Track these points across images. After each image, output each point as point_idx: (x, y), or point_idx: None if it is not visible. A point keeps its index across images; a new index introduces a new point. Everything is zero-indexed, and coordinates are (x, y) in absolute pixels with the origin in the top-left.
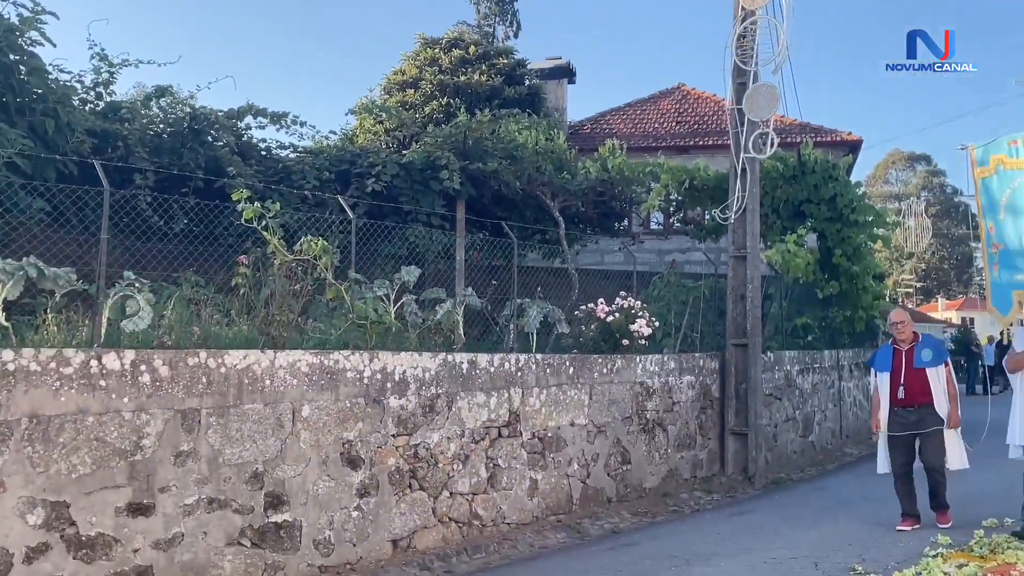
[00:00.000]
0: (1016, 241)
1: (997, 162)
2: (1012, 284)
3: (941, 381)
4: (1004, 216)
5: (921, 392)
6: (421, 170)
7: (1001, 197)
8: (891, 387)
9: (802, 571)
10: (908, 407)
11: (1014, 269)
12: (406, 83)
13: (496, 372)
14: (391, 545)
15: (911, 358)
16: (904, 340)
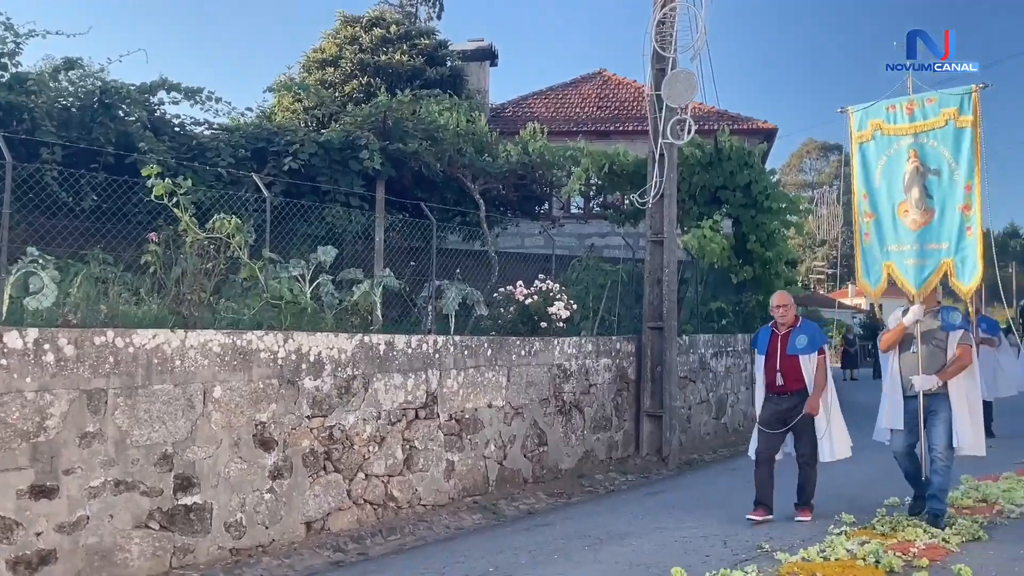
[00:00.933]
0: (888, 211)
1: (875, 127)
2: (883, 255)
3: (814, 368)
4: (879, 183)
5: (794, 378)
6: (340, 149)
7: (877, 164)
8: (767, 372)
9: (711, 549)
10: (783, 393)
11: (885, 240)
12: (326, 61)
13: (414, 354)
14: (305, 527)
15: (785, 343)
16: (784, 324)
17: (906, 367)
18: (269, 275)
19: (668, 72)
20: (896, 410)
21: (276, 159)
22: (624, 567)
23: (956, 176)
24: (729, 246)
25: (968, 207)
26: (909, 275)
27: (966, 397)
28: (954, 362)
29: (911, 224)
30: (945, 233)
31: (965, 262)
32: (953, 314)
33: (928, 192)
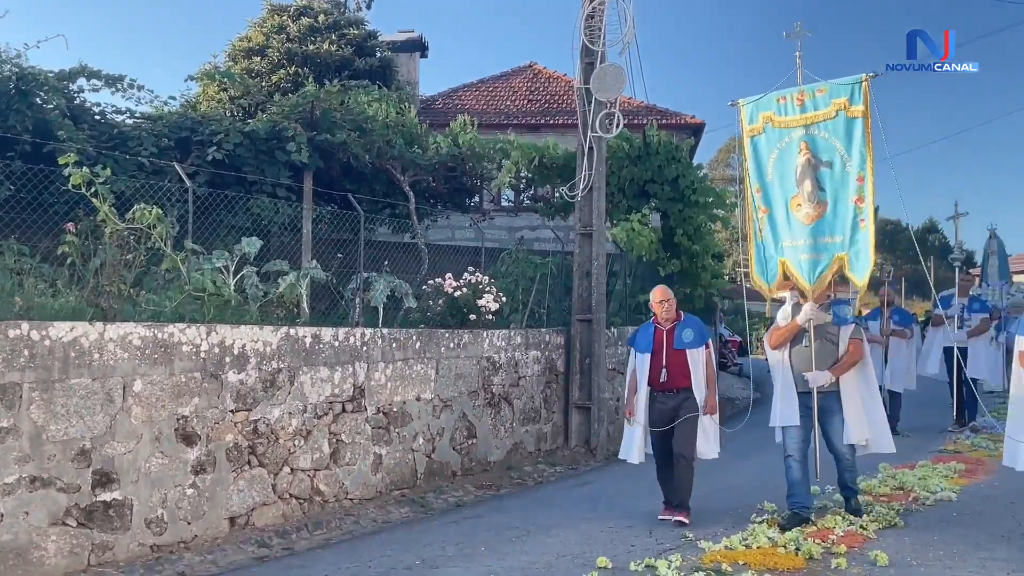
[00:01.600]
0: (782, 205)
1: (766, 120)
2: (778, 251)
3: (701, 364)
4: (772, 177)
5: (681, 375)
6: (266, 139)
7: (769, 158)
8: (652, 369)
9: (637, 539)
10: (668, 391)
11: (779, 235)
12: (252, 50)
13: (341, 346)
14: (228, 522)
15: (671, 338)
16: (667, 319)
17: (798, 362)
18: (192, 267)
19: (597, 66)
20: (790, 406)
21: (200, 149)
22: (551, 558)
23: (848, 168)
24: (657, 239)
25: (861, 199)
26: (803, 270)
27: (858, 392)
28: (847, 357)
29: (804, 218)
30: (839, 226)
31: (859, 255)
32: (844, 308)
33: (820, 185)
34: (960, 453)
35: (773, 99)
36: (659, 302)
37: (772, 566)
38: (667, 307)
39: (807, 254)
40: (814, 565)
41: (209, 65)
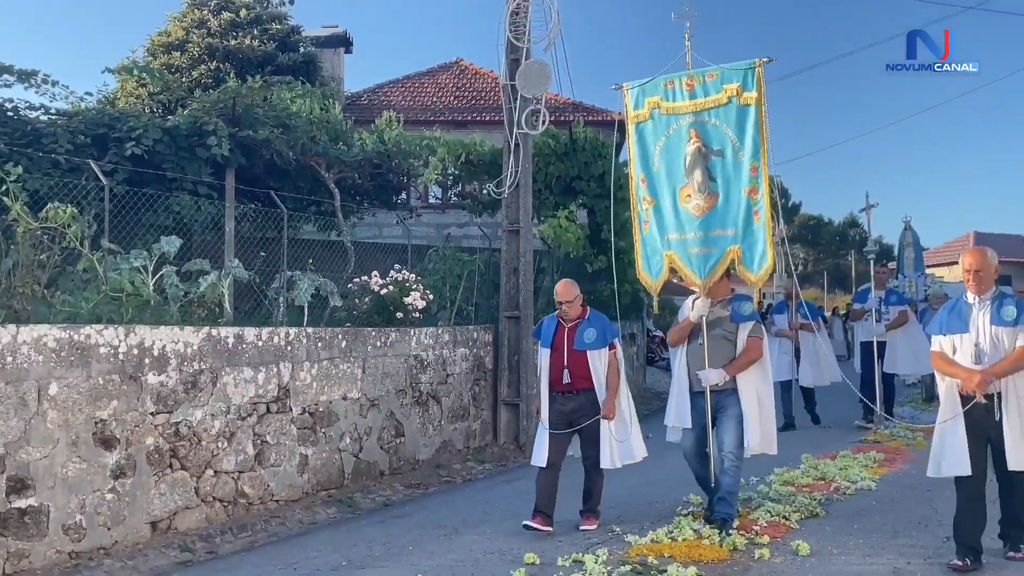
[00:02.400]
0: (669, 196)
1: (652, 105)
2: (664, 245)
3: (603, 365)
4: (658, 167)
5: (582, 376)
6: (187, 136)
7: (655, 146)
8: (553, 368)
9: (565, 534)
10: (569, 392)
11: (665, 228)
12: (172, 45)
13: (264, 346)
14: (150, 527)
15: (573, 337)
16: (571, 317)
17: (693, 361)
18: (109, 266)
19: (522, 62)
20: (683, 407)
21: (118, 146)
22: (479, 555)
23: (741, 157)
24: (584, 236)
25: (755, 190)
26: (693, 265)
27: (756, 392)
28: (743, 355)
29: (694, 210)
30: (731, 218)
31: (753, 249)
32: (744, 304)
33: (711, 175)
34: (879, 443)
35: (660, 84)
36: (562, 301)
37: (697, 558)
38: (570, 306)
39: (698, 248)
40: (738, 556)
41: (127, 60)
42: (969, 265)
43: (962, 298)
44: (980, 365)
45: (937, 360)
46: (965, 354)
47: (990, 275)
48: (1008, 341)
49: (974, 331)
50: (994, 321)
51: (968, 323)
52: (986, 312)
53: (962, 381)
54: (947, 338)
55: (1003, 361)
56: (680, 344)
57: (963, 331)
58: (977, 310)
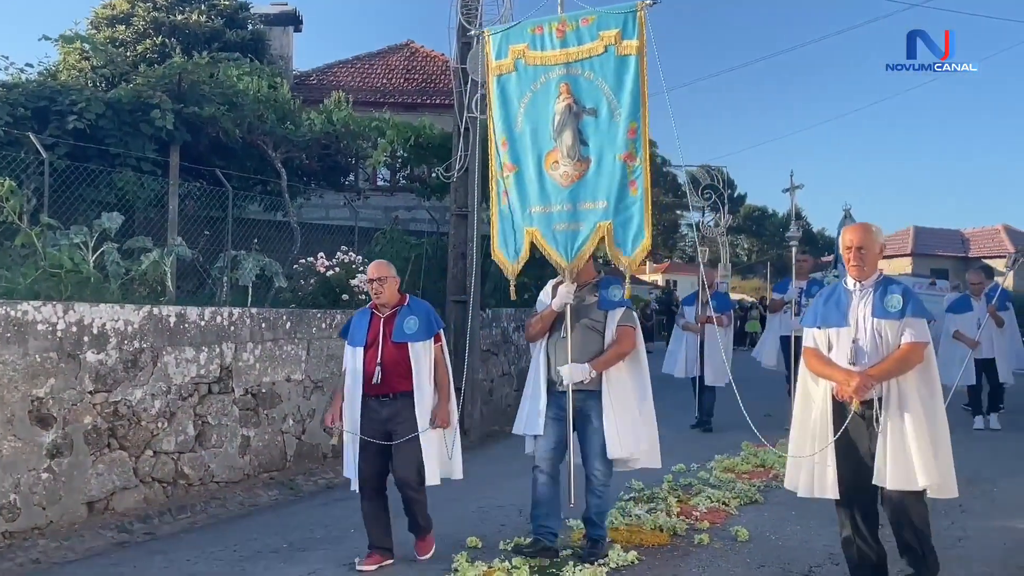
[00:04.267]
0: (534, 162)
1: (517, 55)
2: (525, 219)
3: (427, 361)
4: (522, 127)
5: (401, 375)
6: (131, 111)
7: (520, 103)
8: (366, 366)
9: (507, 518)
10: (383, 396)
11: (528, 199)
12: (116, 18)
13: (207, 326)
14: (87, 508)
15: (391, 327)
16: (384, 304)
17: (555, 356)
18: (48, 242)
19: (474, 45)
20: (537, 411)
21: (60, 119)
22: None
23: (617, 117)
24: None
25: (632, 156)
26: (558, 244)
27: (626, 392)
28: (612, 347)
29: (562, 179)
30: (603, 189)
31: (627, 225)
32: (614, 288)
33: (583, 137)
34: None
35: (527, 29)
36: (372, 280)
37: (638, 542)
38: (381, 287)
39: (564, 223)
40: (678, 541)
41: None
42: (849, 241)
43: (841, 284)
44: (858, 366)
45: (810, 359)
46: (842, 352)
47: (874, 255)
48: (892, 336)
49: (853, 324)
50: (876, 312)
51: (847, 314)
52: (867, 301)
53: (837, 385)
54: (822, 332)
55: (885, 361)
56: (540, 338)
57: (840, 324)
58: (858, 299)
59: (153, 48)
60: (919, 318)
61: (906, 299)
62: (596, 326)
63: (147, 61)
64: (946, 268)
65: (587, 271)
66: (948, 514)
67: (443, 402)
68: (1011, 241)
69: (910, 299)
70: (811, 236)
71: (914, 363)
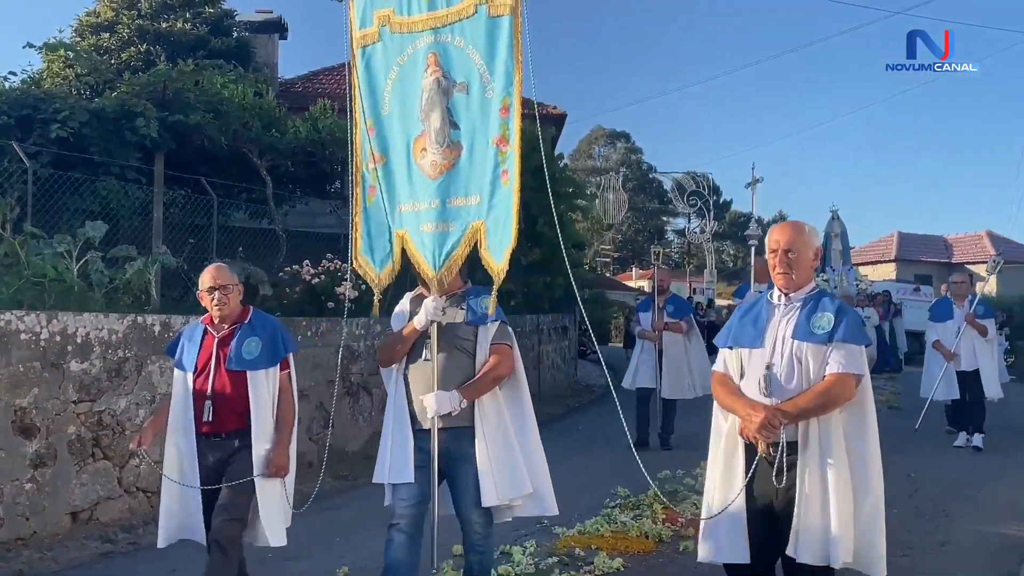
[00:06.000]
0: (402, 150)
1: (383, 21)
2: (393, 221)
3: (269, 394)
4: (389, 108)
5: (234, 411)
6: (115, 119)
7: (387, 79)
8: (195, 398)
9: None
10: (214, 436)
11: (396, 196)
12: (100, 26)
13: None
14: (70, 518)
15: (225, 351)
16: (224, 317)
17: (417, 384)
18: (31, 251)
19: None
20: (402, 453)
21: (43, 127)
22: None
23: (489, 92)
24: (518, 229)
25: (504, 140)
26: (426, 248)
27: (504, 424)
28: (485, 372)
29: (430, 169)
30: (476, 181)
31: (499, 225)
32: (484, 300)
33: (453, 118)
34: None
35: None
36: (212, 289)
37: (624, 549)
38: (225, 297)
39: (432, 223)
40: (663, 548)
41: (54, 40)
42: (775, 243)
43: (764, 296)
44: (771, 398)
45: (716, 386)
46: (753, 380)
47: (807, 262)
48: (815, 364)
49: (769, 345)
50: (798, 333)
51: (763, 333)
52: (791, 319)
53: (741, 421)
54: (734, 353)
55: (803, 395)
56: (395, 363)
57: (754, 344)
58: (780, 315)
59: (137, 56)
60: (853, 344)
61: (839, 319)
62: (465, 346)
63: (131, 69)
64: (930, 274)
65: (455, 278)
66: (933, 519)
67: (282, 445)
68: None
69: (844, 319)
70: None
71: (840, 400)
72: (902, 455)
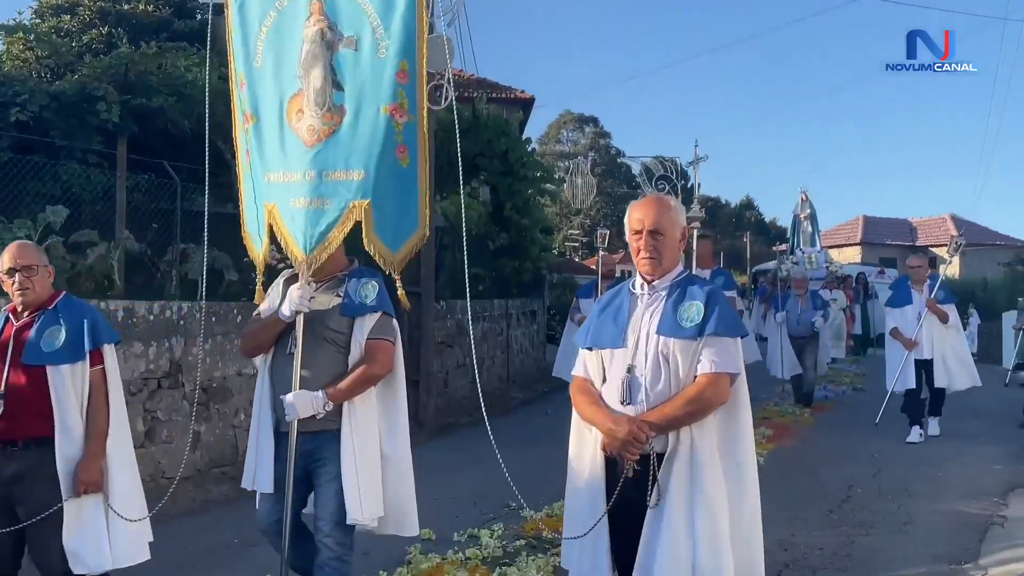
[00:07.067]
0: (275, 110)
1: None
2: (262, 191)
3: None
4: (262, 60)
5: (31, 414)
6: (76, 102)
7: (261, 28)
8: None
9: (461, 510)
10: (9, 444)
11: (268, 162)
12: (61, 7)
13: (156, 320)
14: None
15: (23, 341)
16: (28, 302)
17: (279, 381)
18: None
19: (426, 36)
20: (264, 459)
21: (2, 111)
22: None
23: (382, 51)
24: (487, 213)
25: (401, 109)
26: (297, 227)
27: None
28: (357, 370)
29: (307, 135)
30: (360, 153)
31: (393, 208)
32: (368, 285)
33: (337, 78)
34: (768, 419)
35: None
36: (8, 271)
37: None
38: (29, 280)
39: (306, 198)
40: None
41: (13, 21)
42: (638, 222)
43: (626, 285)
44: (634, 406)
45: (575, 395)
46: (614, 385)
47: (674, 243)
48: (684, 363)
49: (632, 344)
50: (663, 327)
51: (625, 329)
52: (656, 311)
53: (603, 435)
54: (594, 354)
55: (671, 402)
56: (261, 354)
57: (615, 344)
58: (643, 307)
59: (99, 38)
60: (727, 336)
61: (710, 308)
62: (337, 339)
63: (93, 51)
64: (895, 257)
65: (332, 262)
66: (895, 498)
67: (91, 456)
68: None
69: (716, 307)
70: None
71: (715, 403)
72: (867, 436)
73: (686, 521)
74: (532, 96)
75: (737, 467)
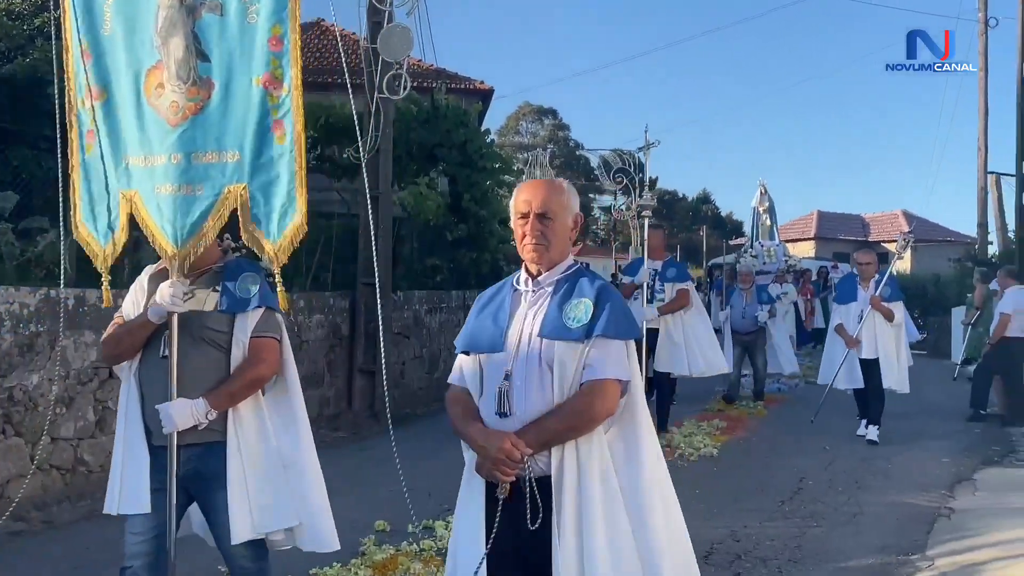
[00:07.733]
0: (130, 85)
1: None
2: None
3: None
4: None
5: None
6: (27, 86)
7: None
8: None
9: (416, 502)
10: None
11: (123, 145)
12: None
13: (107, 309)
14: None
15: None
16: None
17: (153, 387)
18: None
19: (384, 25)
20: (133, 478)
21: None
22: None
23: (252, 16)
24: (445, 204)
25: (276, 81)
26: (164, 218)
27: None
28: (240, 373)
29: (170, 113)
30: (233, 132)
31: (270, 192)
32: (246, 280)
33: (201, 47)
34: (722, 412)
35: None
36: None
37: None
38: None
39: (173, 185)
40: None
41: None
42: (526, 204)
43: (508, 281)
44: (511, 419)
45: (449, 406)
46: (489, 394)
47: (564, 231)
48: (570, 369)
49: (513, 346)
50: (546, 328)
51: (505, 330)
52: (540, 309)
53: (477, 454)
54: (472, 359)
55: (551, 415)
56: (127, 360)
57: (494, 348)
58: (527, 305)
59: (52, 22)
60: (617, 339)
61: (600, 305)
62: (217, 339)
63: (45, 35)
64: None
65: (207, 252)
66: (845, 490)
67: None
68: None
69: (607, 306)
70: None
71: (602, 415)
72: (819, 429)
73: (576, 555)
74: (491, 87)
75: (637, 486)
